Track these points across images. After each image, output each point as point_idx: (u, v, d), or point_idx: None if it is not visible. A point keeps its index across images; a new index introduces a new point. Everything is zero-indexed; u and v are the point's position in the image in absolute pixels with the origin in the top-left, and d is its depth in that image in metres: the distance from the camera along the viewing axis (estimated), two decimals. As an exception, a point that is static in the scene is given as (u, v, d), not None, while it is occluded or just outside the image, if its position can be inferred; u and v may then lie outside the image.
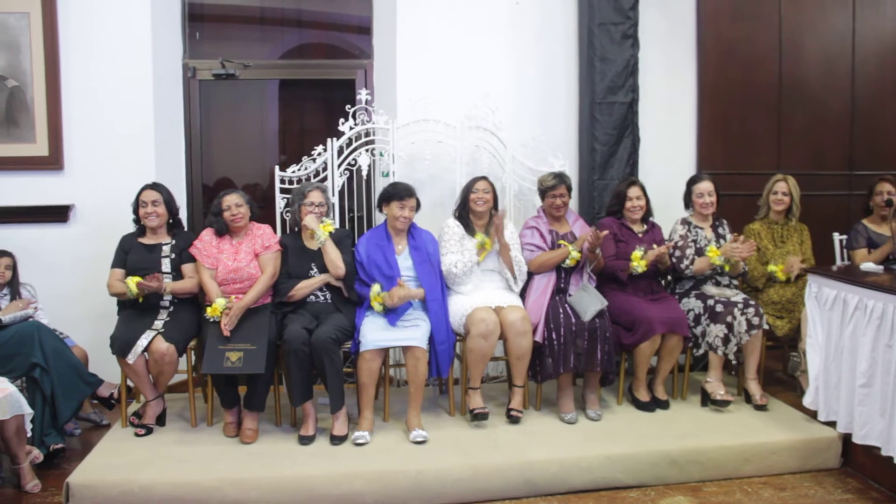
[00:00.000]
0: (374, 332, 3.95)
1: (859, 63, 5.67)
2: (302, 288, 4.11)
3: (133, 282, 3.97)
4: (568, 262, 4.31)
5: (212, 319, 3.95)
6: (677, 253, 4.50)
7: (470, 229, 4.37)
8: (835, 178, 5.69)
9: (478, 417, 4.05)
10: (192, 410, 4.14)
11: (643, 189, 4.57)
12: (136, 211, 4.19)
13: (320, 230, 4.11)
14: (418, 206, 4.30)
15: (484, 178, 4.45)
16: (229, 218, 4.13)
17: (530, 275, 4.38)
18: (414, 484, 3.55)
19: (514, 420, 4.13)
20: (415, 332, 4.00)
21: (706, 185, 4.59)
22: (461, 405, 4.30)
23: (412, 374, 4.01)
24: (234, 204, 4.14)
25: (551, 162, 4.82)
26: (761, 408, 4.28)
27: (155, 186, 4.21)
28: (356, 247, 4.27)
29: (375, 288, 4.06)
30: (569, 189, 4.49)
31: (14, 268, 4.25)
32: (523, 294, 4.37)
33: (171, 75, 5.14)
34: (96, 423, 4.37)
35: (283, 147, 5.59)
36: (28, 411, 3.48)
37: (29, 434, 3.53)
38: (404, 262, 4.23)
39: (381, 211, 4.37)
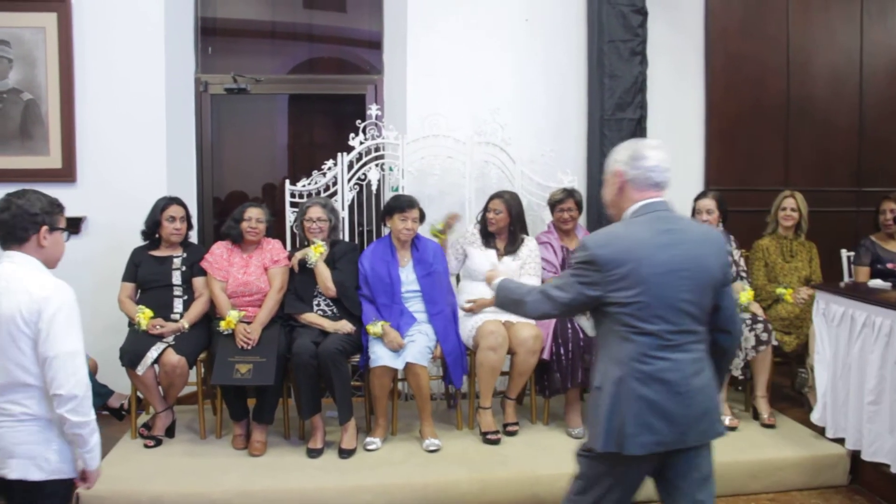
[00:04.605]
0: (384, 349, 3.97)
1: (867, 79, 5.69)
2: (307, 318, 4.13)
3: (146, 317, 4.00)
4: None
5: (225, 332, 3.98)
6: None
7: (489, 242, 4.41)
8: (842, 195, 5.69)
9: (490, 442, 4.05)
10: (201, 422, 4.16)
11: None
12: (153, 224, 4.23)
13: (311, 252, 4.13)
14: (423, 217, 4.31)
15: (499, 195, 4.43)
16: (246, 228, 4.18)
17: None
18: (421, 497, 3.57)
19: (511, 433, 4.15)
20: (412, 348, 4.01)
21: (704, 203, 4.57)
22: (469, 419, 4.30)
23: (415, 389, 4.05)
24: (255, 218, 4.20)
25: (560, 178, 4.84)
26: (769, 427, 4.27)
27: (180, 202, 4.27)
28: (360, 260, 4.28)
29: (370, 328, 4.05)
30: (578, 204, 4.51)
31: None
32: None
33: (183, 89, 5.20)
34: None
35: (293, 161, 5.62)
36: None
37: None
38: (408, 274, 4.24)
39: (385, 225, 4.40)
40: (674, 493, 2.41)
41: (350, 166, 4.75)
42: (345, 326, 4.05)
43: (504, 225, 4.40)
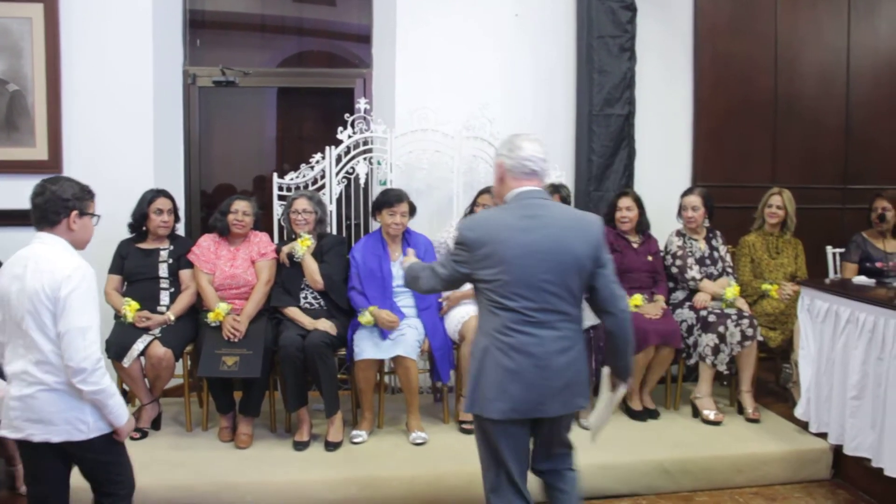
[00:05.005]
0: (367, 343, 3.98)
1: (854, 78, 5.71)
2: (288, 313, 4.13)
3: (132, 310, 3.99)
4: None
5: (213, 324, 3.98)
6: (678, 262, 4.54)
7: None
8: (829, 192, 5.71)
9: (465, 431, 4.09)
10: (187, 415, 4.16)
11: (636, 200, 4.58)
12: (140, 216, 4.21)
13: (298, 245, 4.14)
14: (413, 210, 4.31)
15: (489, 191, 4.40)
16: (233, 221, 4.17)
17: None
18: (408, 490, 3.57)
19: None
20: (402, 341, 4.02)
21: (689, 199, 4.62)
22: (455, 413, 4.32)
23: (404, 382, 4.05)
24: (241, 211, 4.19)
25: (548, 173, 4.84)
26: (753, 421, 4.30)
27: (167, 194, 4.25)
28: (351, 254, 4.29)
29: (361, 319, 4.05)
30: (564, 199, 4.50)
31: None
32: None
33: (171, 82, 5.17)
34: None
35: (281, 154, 5.61)
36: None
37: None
38: (399, 269, 4.24)
39: (375, 219, 4.39)
40: (544, 455, 2.73)
41: (338, 160, 4.75)
42: (322, 325, 4.04)
43: None
